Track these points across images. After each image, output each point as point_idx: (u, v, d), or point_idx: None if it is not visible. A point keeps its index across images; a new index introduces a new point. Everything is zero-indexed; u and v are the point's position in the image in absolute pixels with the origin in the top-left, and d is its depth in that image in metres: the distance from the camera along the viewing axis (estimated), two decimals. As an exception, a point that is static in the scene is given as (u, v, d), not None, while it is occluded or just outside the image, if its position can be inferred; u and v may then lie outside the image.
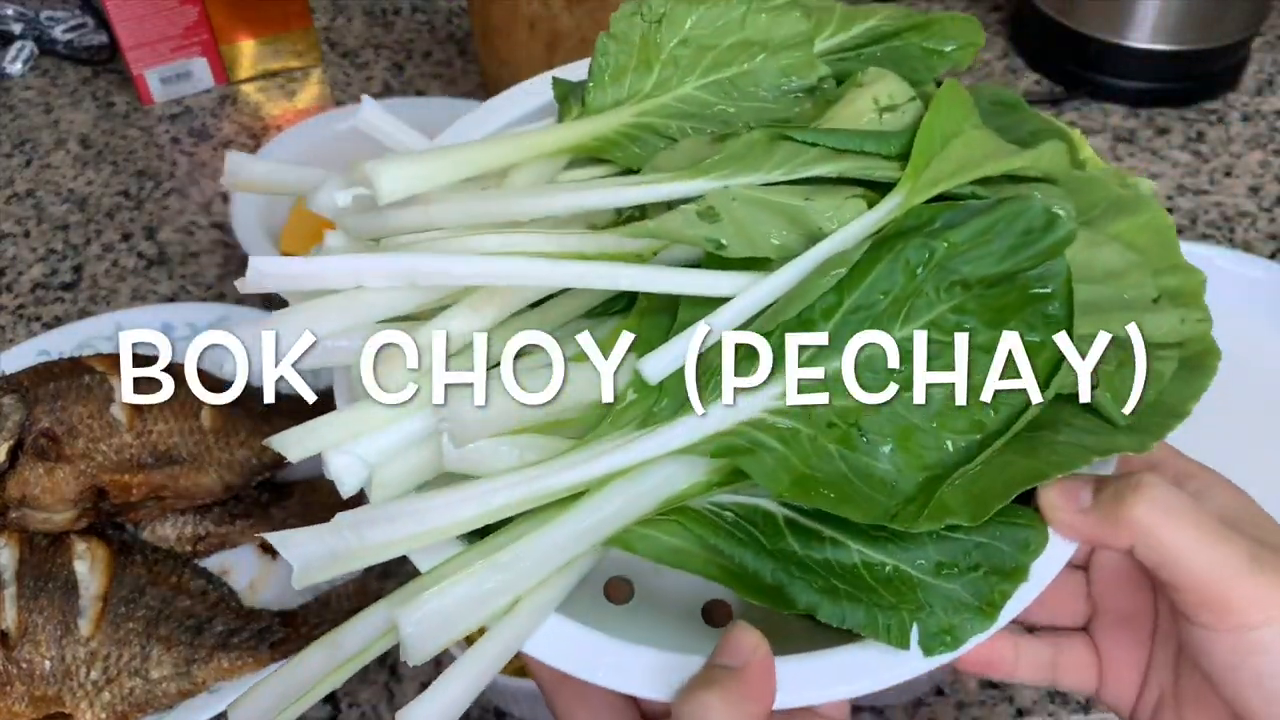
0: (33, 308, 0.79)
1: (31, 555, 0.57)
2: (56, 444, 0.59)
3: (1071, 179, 0.38)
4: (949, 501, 0.32)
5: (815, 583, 0.33)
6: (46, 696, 0.54)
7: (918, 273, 0.33)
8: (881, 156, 0.36)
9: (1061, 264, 0.33)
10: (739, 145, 0.36)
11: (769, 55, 0.40)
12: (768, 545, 0.33)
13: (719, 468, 0.33)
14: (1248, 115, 0.94)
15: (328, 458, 0.34)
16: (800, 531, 0.33)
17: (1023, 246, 0.33)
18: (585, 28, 0.80)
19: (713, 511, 0.34)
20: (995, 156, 0.36)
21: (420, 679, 0.58)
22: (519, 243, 0.34)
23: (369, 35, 1.05)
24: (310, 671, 0.33)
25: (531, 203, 0.35)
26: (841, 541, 0.33)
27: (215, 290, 0.80)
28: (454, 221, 0.35)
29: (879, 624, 0.32)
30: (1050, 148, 0.37)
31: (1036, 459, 0.33)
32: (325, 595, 0.59)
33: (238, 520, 0.63)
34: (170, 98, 0.97)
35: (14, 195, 0.88)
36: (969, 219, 0.34)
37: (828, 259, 0.34)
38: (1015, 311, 0.33)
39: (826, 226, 0.34)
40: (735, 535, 0.34)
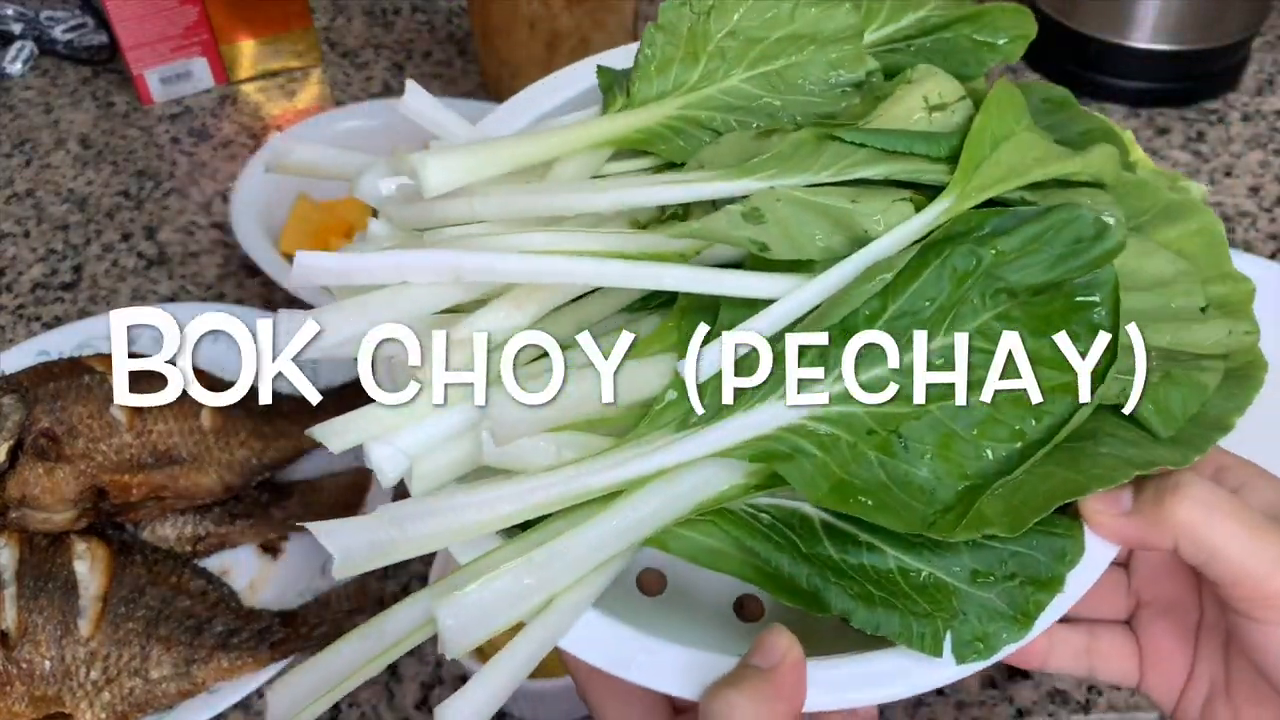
0: (32, 308, 0.79)
1: (31, 555, 0.57)
2: (56, 444, 0.59)
3: (1122, 183, 0.37)
4: (987, 512, 0.31)
5: (851, 588, 0.33)
6: (46, 696, 0.54)
7: (965, 280, 0.33)
8: (930, 159, 0.35)
9: (1109, 272, 0.33)
10: (786, 145, 0.36)
11: (818, 48, 0.39)
12: (804, 549, 0.33)
13: (757, 471, 0.33)
14: (1248, 115, 0.94)
15: (369, 449, 0.34)
16: (837, 536, 0.33)
17: (1072, 255, 0.33)
18: (585, 27, 0.80)
19: (749, 514, 0.34)
20: (1045, 161, 0.35)
21: (420, 679, 0.58)
22: (563, 241, 0.34)
23: (369, 35, 1.05)
24: (348, 660, 0.34)
25: (577, 199, 0.35)
26: (878, 547, 0.33)
27: (215, 290, 0.80)
28: (498, 215, 0.35)
29: (913, 631, 0.32)
30: (1101, 151, 0.37)
31: (1077, 471, 0.32)
32: (325, 596, 0.59)
33: (238, 520, 0.63)
34: (170, 98, 0.97)
35: (14, 195, 0.89)
36: (1018, 226, 0.33)
37: (873, 264, 0.33)
38: (1061, 320, 0.33)
39: (873, 230, 0.34)
40: (771, 538, 0.34)
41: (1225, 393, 0.35)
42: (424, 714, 0.57)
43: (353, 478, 0.65)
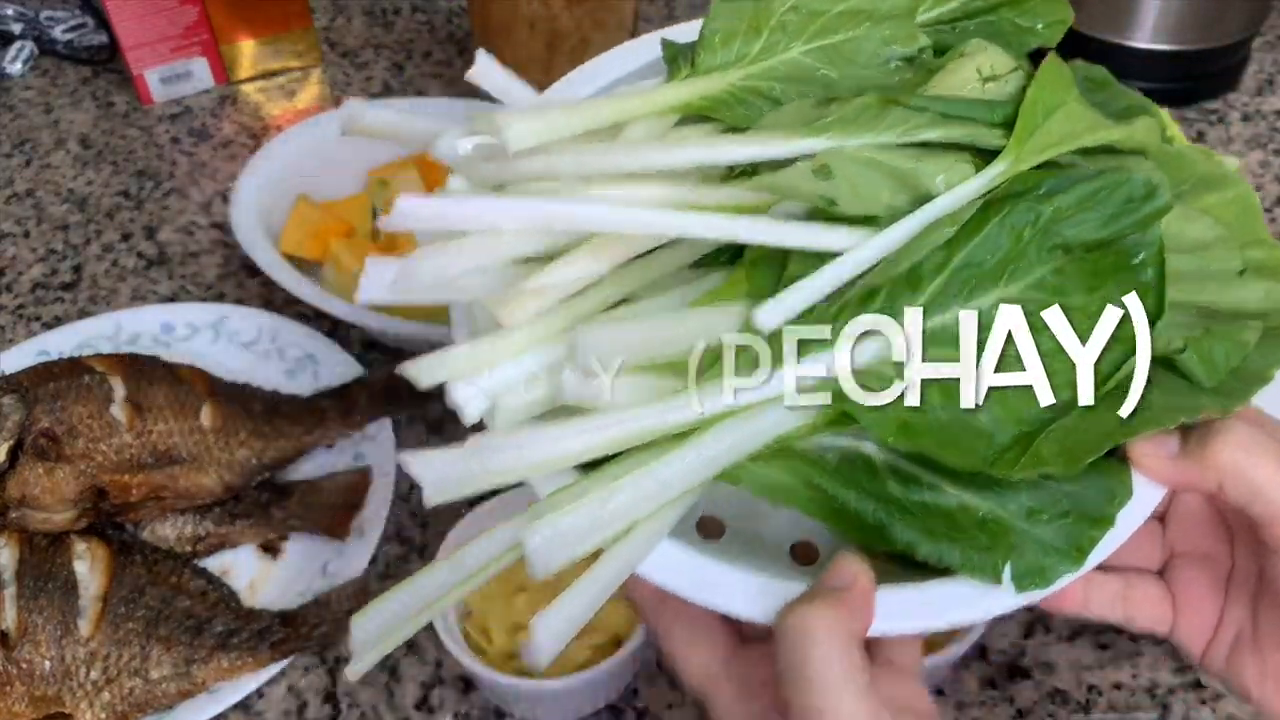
0: (32, 308, 0.79)
1: (31, 555, 0.57)
2: (56, 444, 0.59)
3: (1163, 153, 0.39)
4: (1044, 452, 0.34)
5: (914, 523, 0.35)
6: (46, 696, 0.54)
7: (1024, 235, 0.35)
8: (987, 124, 0.37)
9: (1155, 233, 0.35)
10: (850, 109, 0.37)
11: (873, 25, 0.41)
12: (869, 487, 0.36)
13: (825, 413, 0.35)
14: (1248, 115, 0.94)
15: (451, 388, 0.36)
16: (900, 476, 0.36)
17: (1123, 214, 0.35)
18: (585, 27, 0.80)
19: (816, 453, 0.36)
20: (1094, 129, 0.38)
21: (420, 679, 0.58)
22: (642, 195, 0.37)
23: (369, 35, 1.05)
24: (426, 591, 0.36)
25: (653, 155, 0.37)
26: (939, 486, 0.35)
27: (215, 290, 0.80)
28: (575, 172, 0.37)
29: (974, 563, 0.34)
30: (1144, 123, 0.39)
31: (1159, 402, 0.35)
32: (325, 596, 0.59)
33: (238, 520, 0.63)
34: (170, 98, 0.97)
35: (14, 195, 0.89)
36: (1073, 186, 0.36)
37: (937, 219, 0.35)
38: (1110, 276, 0.35)
39: (935, 189, 0.36)
40: (838, 476, 0.36)
41: (1264, 349, 0.37)
42: (424, 713, 0.57)
43: (353, 478, 0.65)
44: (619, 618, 0.56)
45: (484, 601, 0.57)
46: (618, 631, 0.55)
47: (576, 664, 0.54)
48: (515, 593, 0.57)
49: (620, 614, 0.56)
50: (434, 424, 0.71)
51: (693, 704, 0.57)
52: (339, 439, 0.67)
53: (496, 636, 0.56)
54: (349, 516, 0.63)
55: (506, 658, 0.55)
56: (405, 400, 0.68)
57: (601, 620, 0.55)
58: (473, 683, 0.58)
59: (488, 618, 0.56)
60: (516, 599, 0.56)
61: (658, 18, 1.00)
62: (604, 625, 0.55)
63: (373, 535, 0.62)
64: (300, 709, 0.57)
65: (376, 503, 0.64)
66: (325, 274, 0.75)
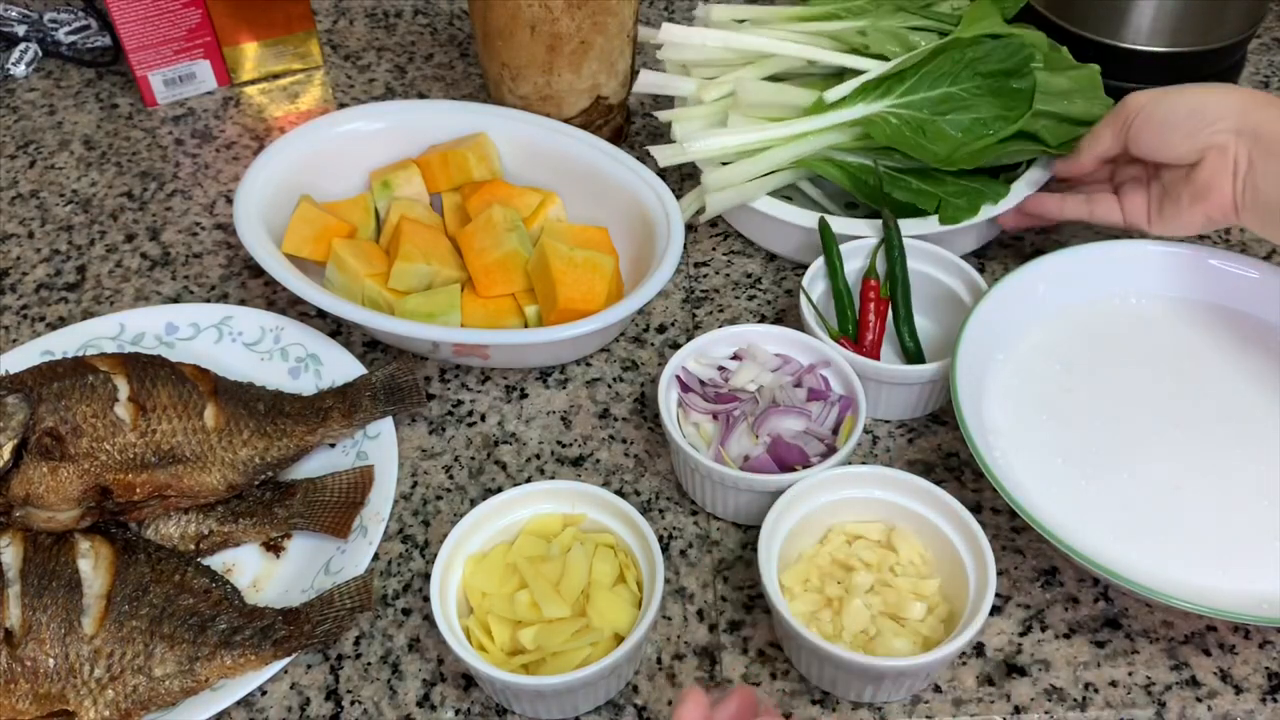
0: (37, 308, 0.79)
1: (35, 554, 0.57)
2: (61, 443, 0.59)
3: (1049, 47, 0.80)
4: (956, 157, 0.75)
5: (896, 188, 0.76)
6: (50, 694, 0.54)
7: (959, 63, 0.75)
8: (951, 22, 0.80)
9: (1031, 73, 0.75)
10: (883, 10, 0.81)
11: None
12: (874, 177, 0.77)
13: (856, 135, 0.77)
14: (1245, 117, 0.94)
15: (675, 126, 0.80)
16: (890, 178, 0.77)
17: (1011, 58, 0.75)
18: (585, 30, 0.81)
19: (847, 161, 0.78)
20: (998, 25, 0.77)
21: (422, 676, 0.58)
22: (784, 40, 0.81)
23: (371, 38, 1.06)
24: None
25: (787, 29, 0.83)
26: (909, 181, 0.77)
27: (218, 291, 0.80)
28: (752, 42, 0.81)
29: (923, 206, 0.75)
30: (1036, 35, 0.79)
31: (1017, 146, 0.77)
32: (328, 594, 0.60)
33: (241, 519, 0.64)
34: (173, 100, 0.98)
35: (18, 196, 0.89)
36: (987, 43, 0.76)
37: (916, 52, 0.77)
38: (1004, 92, 0.76)
39: (917, 44, 0.79)
40: (860, 169, 0.77)
41: None
42: (425, 710, 0.57)
43: (355, 476, 0.65)
44: (618, 615, 0.56)
45: (485, 600, 0.57)
46: (618, 629, 0.56)
47: (576, 662, 0.55)
48: (516, 591, 0.57)
49: (619, 611, 0.56)
50: (436, 423, 0.71)
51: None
52: (341, 438, 0.68)
53: (498, 634, 0.56)
54: (351, 515, 0.63)
55: (508, 655, 0.56)
56: (407, 399, 0.69)
57: (601, 617, 0.56)
58: (474, 680, 0.58)
59: (489, 615, 0.57)
60: (518, 598, 0.57)
61: (658, 19, 1.00)
62: (604, 623, 0.56)
63: (375, 533, 0.63)
64: (303, 706, 0.58)
65: (379, 501, 0.64)
66: (328, 274, 0.76)
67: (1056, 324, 0.71)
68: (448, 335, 0.69)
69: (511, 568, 0.59)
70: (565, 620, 0.56)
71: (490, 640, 0.56)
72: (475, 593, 0.58)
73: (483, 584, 0.58)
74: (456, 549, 0.58)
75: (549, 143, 0.81)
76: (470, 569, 0.58)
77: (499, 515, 0.60)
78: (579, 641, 0.55)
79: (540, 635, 0.55)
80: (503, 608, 0.57)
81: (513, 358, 0.73)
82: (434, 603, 0.56)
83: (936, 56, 0.74)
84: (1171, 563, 0.59)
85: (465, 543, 0.59)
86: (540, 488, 0.61)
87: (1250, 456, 0.64)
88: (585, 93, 0.85)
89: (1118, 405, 0.66)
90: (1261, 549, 0.59)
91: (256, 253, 0.71)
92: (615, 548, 0.60)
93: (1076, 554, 0.57)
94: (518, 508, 0.60)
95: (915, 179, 0.76)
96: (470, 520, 0.59)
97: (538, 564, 0.58)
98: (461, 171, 0.80)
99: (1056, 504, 0.61)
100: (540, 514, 0.61)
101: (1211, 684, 0.58)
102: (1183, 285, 0.73)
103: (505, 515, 0.60)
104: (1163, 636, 0.60)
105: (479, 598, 0.58)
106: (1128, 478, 0.63)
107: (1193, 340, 0.70)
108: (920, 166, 0.76)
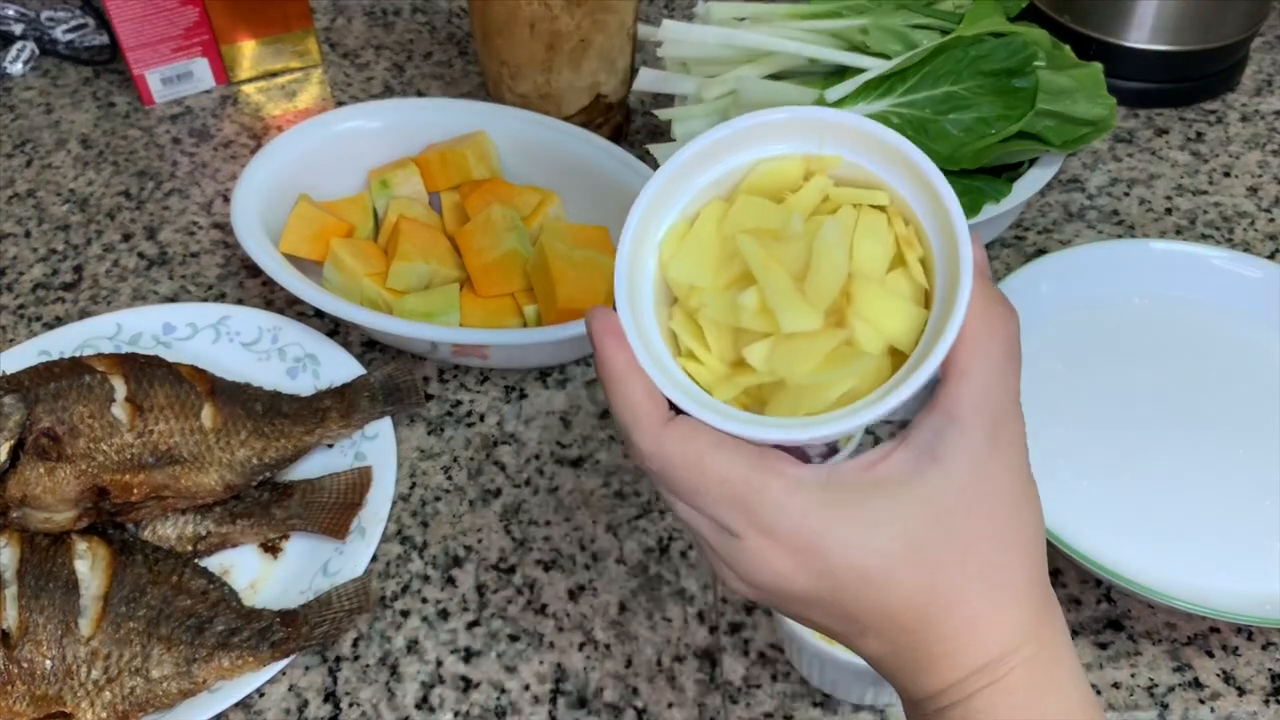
0: (33, 308, 0.79)
1: (32, 555, 0.57)
2: (57, 444, 0.59)
3: (1052, 45, 0.80)
4: (960, 155, 0.74)
5: None
6: (47, 696, 0.54)
7: (961, 62, 0.74)
8: (953, 21, 0.79)
9: (1033, 72, 0.74)
10: (885, 7, 0.81)
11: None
12: None
13: None
14: (1246, 116, 0.94)
15: (675, 123, 0.81)
16: None
17: (1013, 58, 0.74)
18: (585, 28, 0.80)
19: None
20: (1000, 22, 0.76)
21: (420, 678, 0.58)
22: (786, 34, 0.80)
23: (369, 36, 1.05)
24: None
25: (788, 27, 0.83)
26: None
27: (216, 290, 0.80)
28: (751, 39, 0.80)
29: None
30: (1038, 33, 0.79)
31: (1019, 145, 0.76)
32: (326, 595, 0.59)
33: (238, 520, 0.63)
34: (171, 98, 0.97)
35: (15, 195, 0.89)
36: (990, 40, 0.75)
37: (918, 51, 0.75)
38: (1006, 91, 0.74)
39: (919, 42, 0.77)
40: None
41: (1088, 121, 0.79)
42: (424, 713, 0.57)
43: (353, 477, 0.65)
44: (895, 320, 0.36)
45: (695, 294, 0.38)
46: (896, 341, 0.36)
47: (831, 400, 0.36)
48: (736, 286, 0.37)
49: (897, 314, 0.36)
50: (434, 423, 0.71)
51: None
52: (340, 438, 0.68)
53: (715, 341, 0.38)
54: (349, 516, 0.63)
55: (729, 369, 0.37)
56: (405, 400, 0.69)
57: (871, 325, 0.36)
58: (473, 682, 0.58)
59: (700, 315, 0.38)
60: (742, 300, 0.36)
61: (658, 16, 1.00)
62: (875, 334, 0.36)
63: (373, 535, 0.62)
64: (301, 708, 0.57)
65: (377, 502, 0.64)
66: (326, 274, 0.75)
67: (1058, 324, 0.71)
68: (446, 335, 0.68)
69: (729, 247, 0.38)
70: (815, 336, 0.35)
71: (704, 347, 0.37)
72: (679, 287, 0.38)
73: (688, 273, 0.38)
74: (644, 227, 0.38)
75: (548, 141, 0.81)
76: (669, 250, 0.38)
77: (702, 168, 0.38)
78: (836, 370, 0.35)
79: (776, 355, 0.36)
80: (721, 309, 0.37)
81: (512, 358, 0.72)
82: (621, 310, 0.37)
83: (938, 55, 0.74)
84: (1174, 564, 0.58)
85: (656, 215, 0.38)
86: (763, 118, 0.38)
87: (1253, 457, 0.63)
88: (585, 91, 0.84)
89: (1120, 405, 0.66)
90: (1265, 549, 0.59)
91: (254, 252, 0.71)
92: (889, 210, 0.37)
93: (1079, 555, 0.56)
94: (728, 152, 0.38)
95: None
96: (660, 180, 0.38)
97: (769, 245, 0.36)
98: (460, 170, 0.80)
99: (1058, 504, 0.61)
100: (770, 159, 0.38)
101: (1214, 686, 0.57)
102: (1185, 285, 0.72)
103: (712, 166, 0.38)
104: (1165, 638, 0.59)
105: (685, 291, 0.38)
106: (1130, 478, 0.63)
107: (1195, 340, 0.70)
108: (922, 165, 0.77)
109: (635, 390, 0.36)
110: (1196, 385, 0.67)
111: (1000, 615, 0.35)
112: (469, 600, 0.62)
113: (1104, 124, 0.77)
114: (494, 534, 0.65)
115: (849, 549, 0.34)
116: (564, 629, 0.60)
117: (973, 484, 0.34)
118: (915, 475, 0.34)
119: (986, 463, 0.35)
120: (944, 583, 0.34)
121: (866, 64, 0.78)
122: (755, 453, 0.35)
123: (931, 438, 0.35)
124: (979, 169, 0.75)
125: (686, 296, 0.38)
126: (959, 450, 0.34)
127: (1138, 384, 0.67)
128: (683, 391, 0.36)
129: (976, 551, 0.35)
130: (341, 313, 0.68)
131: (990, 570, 0.35)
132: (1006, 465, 0.35)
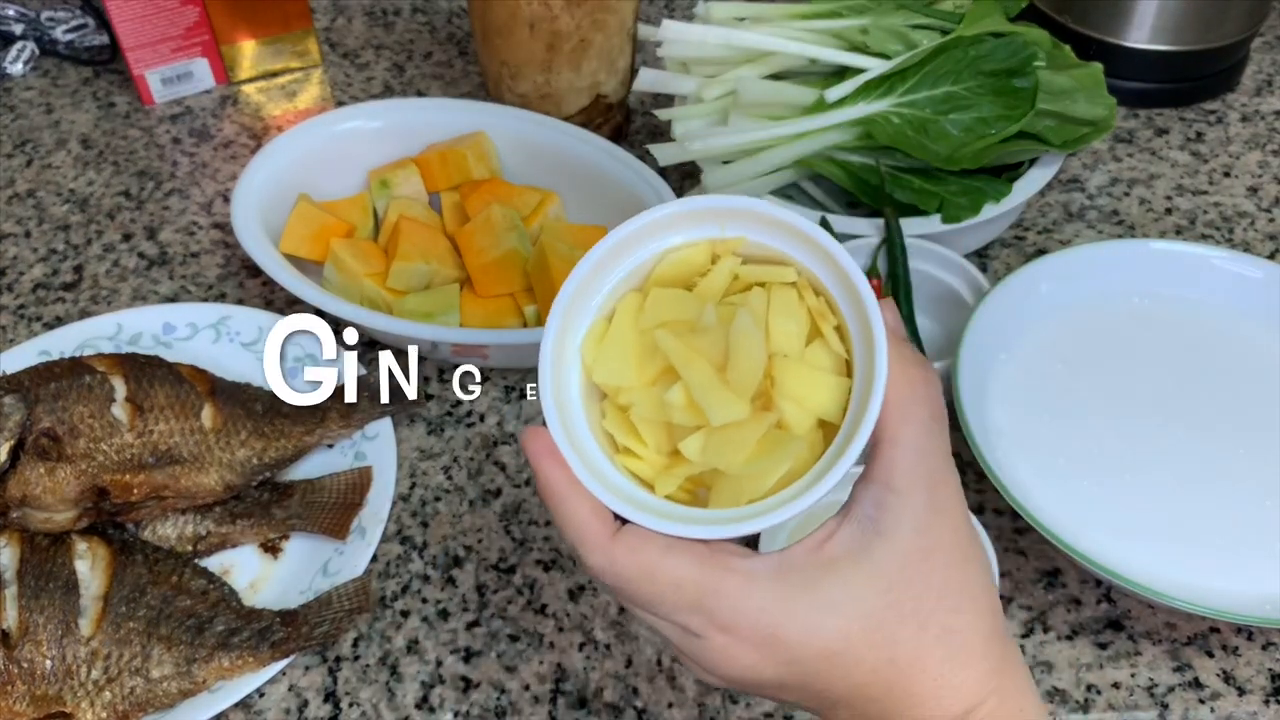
0: (33, 308, 0.79)
1: (32, 555, 0.57)
2: (58, 444, 0.59)
3: (1052, 44, 0.79)
4: (960, 156, 0.74)
5: (898, 193, 0.76)
6: (47, 696, 0.54)
7: (961, 62, 0.74)
8: (952, 21, 0.78)
9: (1032, 68, 0.74)
10: (884, 6, 0.80)
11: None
12: (877, 177, 0.76)
13: (858, 135, 0.76)
14: (1246, 116, 0.94)
15: (675, 124, 0.80)
16: (892, 178, 0.77)
17: (1014, 57, 0.74)
18: (585, 28, 0.80)
19: (849, 161, 0.78)
20: (1000, 22, 0.76)
21: (420, 678, 0.58)
22: (786, 34, 0.80)
23: (369, 36, 1.05)
24: None
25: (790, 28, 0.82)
26: (911, 181, 0.76)
27: (216, 290, 0.80)
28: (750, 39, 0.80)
29: (926, 205, 0.75)
30: (1038, 31, 0.78)
31: (1019, 145, 0.76)
32: (326, 595, 0.59)
33: (238, 520, 0.63)
34: (171, 98, 0.97)
35: (15, 195, 0.89)
36: (990, 40, 0.75)
37: (918, 51, 0.76)
38: (1006, 91, 0.74)
39: (919, 42, 0.77)
40: (861, 169, 0.77)
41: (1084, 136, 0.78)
42: (424, 713, 0.57)
43: (353, 477, 0.65)
44: (821, 394, 0.37)
45: (623, 395, 0.39)
46: (825, 414, 0.37)
47: (770, 484, 0.37)
48: (660, 382, 0.38)
49: (822, 388, 0.37)
50: (434, 423, 0.71)
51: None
52: (340, 438, 0.68)
53: (649, 435, 0.38)
54: (349, 516, 0.63)
55: (667, 460, 0.38)
56: (405, 400, 0.69)
57: (797, 404, 0.37)
58: (473, 682, 0.58)
59: (631, 414, 0.38)
60: (668, 397, 0.37)
61: (658, 16, 1.00)
62: (802, 412, 0.37)
63: (373, 535, 0.62)
64: (301, 708, 0.57)
65: (377, 502, 0.64)
66: (326, 274, 0.75)
67: (1059, 323, 0.71)
68: (446, 335, 0.68)
69: (648, 340, 0.38)
70: (744, 424, 0.36)
71: (640, 442, 0.38)
72: (606, 387, 0.39)
73: (613, 374, 0.38)
74: (564, 330, 0.38)
75: (548, 141, 0.81)
76: (591, 352, 0.39)
77: (614, 264, 0.39)
78: (770, 458, 0.36)
79: (710, 447, 0.36)
80: (650, 407, 0.38)
81: (512, 358, 0.72)
82: (552, 427, 0.37)
83: (938, 55, 0.74)
84: (1174, 564, 0.58)
85: (574, 317, 0.39)
86: (664, 211, 0.38)
87: (1254, 457, 0.63)
88: (585, 91, 0.84)
89: (1121, 405, 0.66)
90: (1265, 550, 0.59)
91: (254, 252, 0.71)
92: (798, 284, 0.38)
93: (1079, 555, 0.56)
94: (635, 246, 0.39)
95: (917, 178, 0.76)
96: (573, 285, 0.38)
97: (687, 338, 0.37)
98: (460, 170, 0.80)
99: (1059, 505, 0.61)
100: (673, 248, 0.39)
101: (1214, 686, 0.57)
102: (1186, 285, 0.72)
103: (624, 259, 0.39)
104: (1165, 638, 0.59)
105: (613, 391, 0.39)
106: (1131, 478, 0.63)
107: (1195, 340, 0.70)
108: (922, 166, 0.75)
109: (579, 509, 0.36)
110: (1196, 385, 0.67)
111: (963, 675, 0.36)
112: (469, 600, 0.62)
113: (1104, 124, 0.76)
114: (494, 534, 0.65)
115: (809, 635, 0.35)
116: (564, 629, 0.60)
117: (919, 552, 0.35)
118: (863, 552, 0.35)
119: (929, 529, 0.35)
120: (904, 655, 0.35)
121: (866, 64, 0.77)
122: (704, 551, 0.36)
123: (873, 510, 0.36)
124: (979, 169, 0.75)
125: (615, 395, 0.38)
126: (901, 520, 0.35)
127: (1138, 384, 0.67)
128: (624, 499, 0.36)
129: (933, 620, 0.36)
130: (341, 313, 0.68)
131: (947, 635, 0.36)
132: (949, 526, 0.36)
